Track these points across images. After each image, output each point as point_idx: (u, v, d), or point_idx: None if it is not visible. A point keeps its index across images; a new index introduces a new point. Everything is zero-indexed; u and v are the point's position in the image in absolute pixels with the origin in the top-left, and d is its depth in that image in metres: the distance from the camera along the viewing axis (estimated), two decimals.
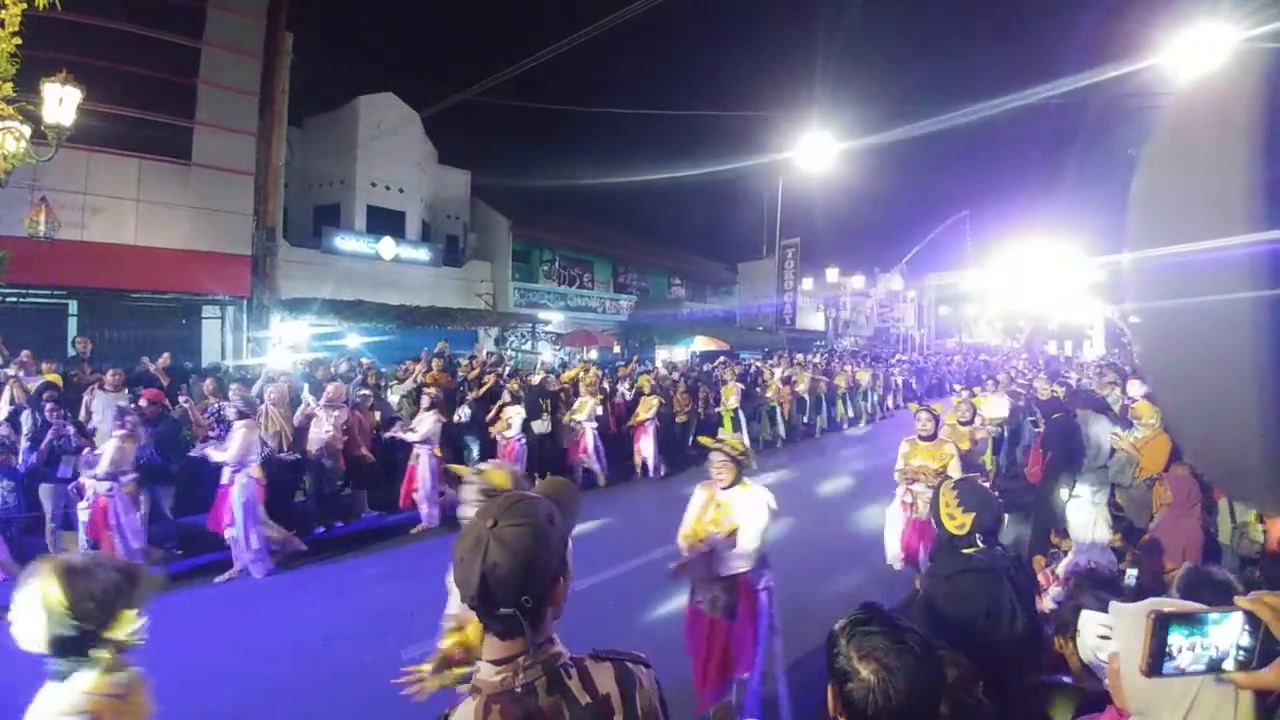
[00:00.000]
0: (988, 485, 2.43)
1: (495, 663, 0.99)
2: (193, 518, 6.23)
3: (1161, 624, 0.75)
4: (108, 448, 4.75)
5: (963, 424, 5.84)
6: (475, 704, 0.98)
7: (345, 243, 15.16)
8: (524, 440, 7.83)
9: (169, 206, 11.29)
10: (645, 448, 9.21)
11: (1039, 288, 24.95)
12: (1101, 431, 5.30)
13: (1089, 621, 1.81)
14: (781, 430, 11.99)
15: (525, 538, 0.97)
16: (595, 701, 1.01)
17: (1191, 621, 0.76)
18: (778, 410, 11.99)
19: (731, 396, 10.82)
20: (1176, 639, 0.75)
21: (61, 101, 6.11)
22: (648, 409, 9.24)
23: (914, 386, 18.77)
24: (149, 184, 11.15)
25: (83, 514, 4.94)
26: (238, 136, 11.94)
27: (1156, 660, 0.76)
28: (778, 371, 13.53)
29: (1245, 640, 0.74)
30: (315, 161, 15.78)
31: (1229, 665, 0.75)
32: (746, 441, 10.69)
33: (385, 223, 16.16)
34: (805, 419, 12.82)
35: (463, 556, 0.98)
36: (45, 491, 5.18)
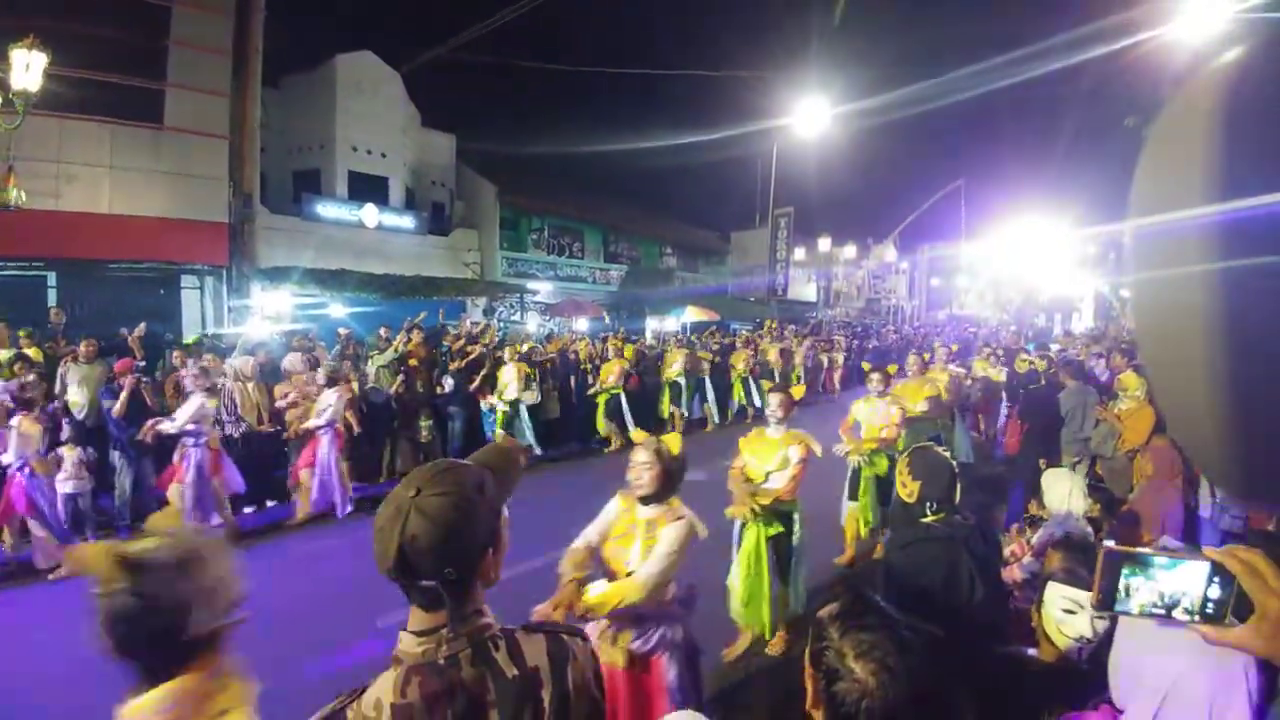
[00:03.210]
0: (946, 453, 2.40)
1: (417, 634, 0.96)
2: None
3: (1114, 560, 0.75)
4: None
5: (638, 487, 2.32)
6: (395, 675, 0.94)
7: (326, 209, 14.79)
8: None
9: (143, 173, 10.92)
10: (314, 476, 5.74)
11: (1032, 260, 24.94)
12: (1083, 400, 5.31)
13: (1054, 594, 1.80)
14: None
15: (448, 508, 0.93)
16: (523, 674, 0.98)
17: (1145, 563, 0.75)
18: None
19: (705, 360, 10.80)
20: (1128, 578, 0.75)
21: (28, 67, 5.95)
22: (321, 412, 5.83)
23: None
24: (121, 150, 10.76)
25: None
26: (211, 98, 11.50)
27: (1107, 597, 0.76)
28: (766, 340, 13.49)
29: (1215, 593, 0.72)
30: (293, 124, 15.25)
31: (1186, 615, 0.74)
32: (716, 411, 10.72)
33: (367, 189, 15.75)
34: (683, 409, 10.31)
35: (382, 526, 0.94)
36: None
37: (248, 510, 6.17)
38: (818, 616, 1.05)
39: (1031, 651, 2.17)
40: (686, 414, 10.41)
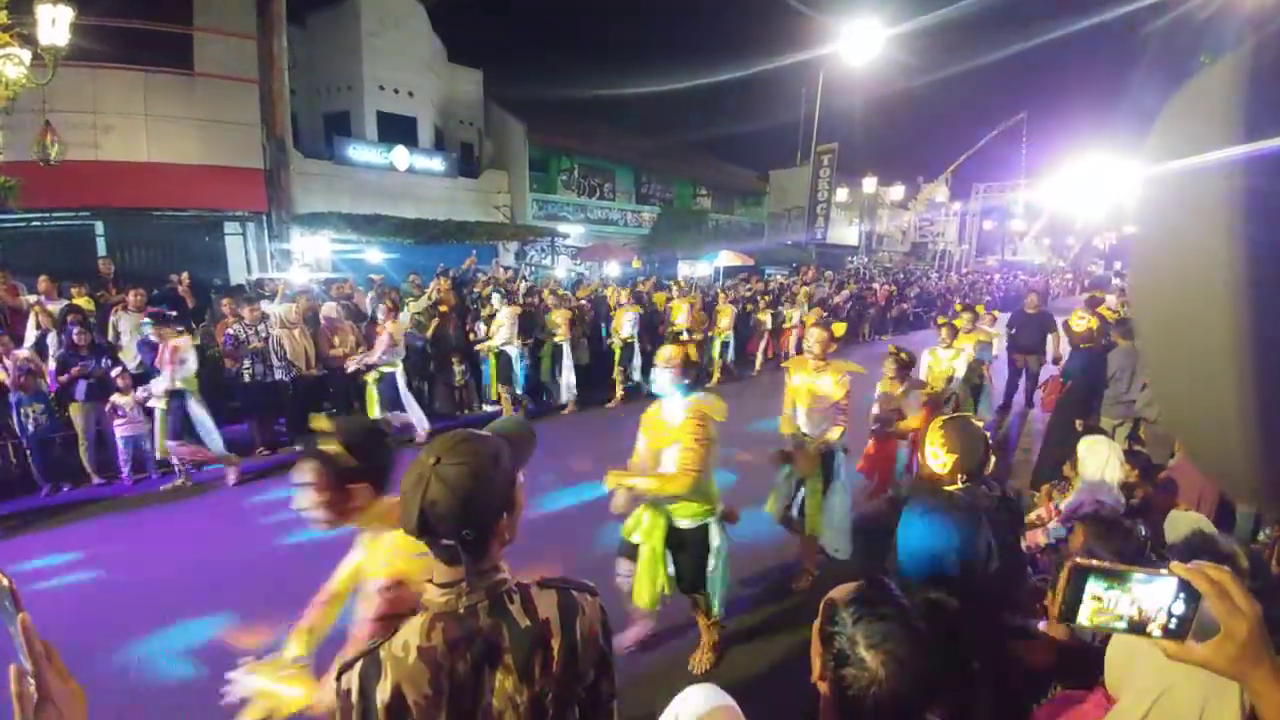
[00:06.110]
0: (981, 424, 2.35)
1: (440, 585, 1.07)
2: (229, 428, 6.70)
3: (1080, 574, 0.74)
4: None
5: None
6: (422, 621, 1.05)
7: (358, 152, 14.76)
8: None
9: (177, 120, 11.03)
10: None
11: (1096, 202, 23.19)
12: (1131, 361, 5.04)
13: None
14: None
15: (465, 476, 1.01)
16: (535, 624, 1.08)
17: (1112, 577, 0.73)
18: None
19: (725, 318, 10.21)
20: (1094, 591, 0.74)
21: (55, 22, 5.99)
22: None
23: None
24: (155, 98, 10.85)
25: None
26: (239, 41, 11.37)
27: (1070, 609, 0.75)
28: (802, 292, 13.11)
29: (1180, 609, 0.71)
30: (321, 64, 15.05)
31: (1154, 630, 0.73)
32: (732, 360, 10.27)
33: (396, 130, 15.59)
34: (515, 388, 7.95)
35: (405, 490, 1.04)
36: (76, 411, 5.37)
37: (299, 448, 6.51)
38: (830, 598, 1.06)
39: (1043, 625, 2.17)
40: (520, 391, 7.98)
